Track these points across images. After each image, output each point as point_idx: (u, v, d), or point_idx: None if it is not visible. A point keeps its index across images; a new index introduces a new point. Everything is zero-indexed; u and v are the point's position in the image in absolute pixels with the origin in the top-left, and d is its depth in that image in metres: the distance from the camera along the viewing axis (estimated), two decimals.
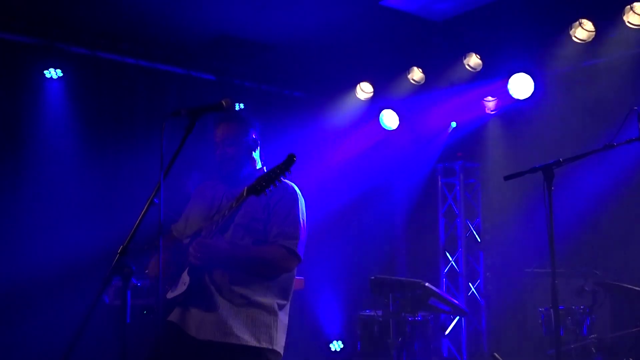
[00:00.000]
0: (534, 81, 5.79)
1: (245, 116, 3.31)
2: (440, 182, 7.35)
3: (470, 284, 7.12)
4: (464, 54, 6.14)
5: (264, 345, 2.90)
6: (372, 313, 4.76)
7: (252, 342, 2.87)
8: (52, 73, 5.61)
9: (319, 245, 7.04)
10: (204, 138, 6.53)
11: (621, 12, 5.04)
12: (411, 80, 6.67)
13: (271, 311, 2.97)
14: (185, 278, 2.89)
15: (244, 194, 2.78)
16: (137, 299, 4.20)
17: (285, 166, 2.73)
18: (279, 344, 2.98)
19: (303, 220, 3.07)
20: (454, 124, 7.13)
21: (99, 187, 5.72)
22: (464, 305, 6.40)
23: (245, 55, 6.66)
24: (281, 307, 3.03)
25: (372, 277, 4.75)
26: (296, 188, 3.15)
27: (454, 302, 4.68)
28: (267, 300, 2.97)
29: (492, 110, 6.76)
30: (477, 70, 6.16)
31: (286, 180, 2.98)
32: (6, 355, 5.03)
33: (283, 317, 3.04)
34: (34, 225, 5.38)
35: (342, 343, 7.05)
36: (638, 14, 5.00)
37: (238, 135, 3.18)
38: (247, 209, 2.95)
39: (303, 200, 3.15)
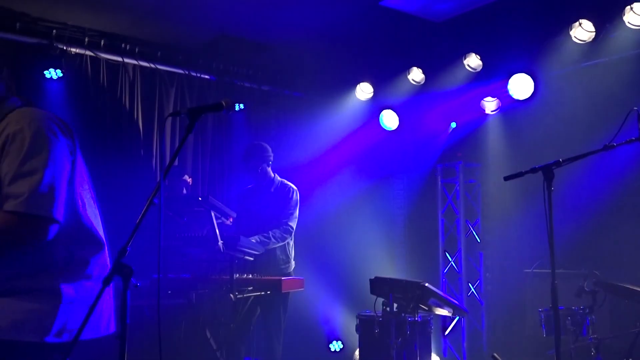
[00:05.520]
0: (534, 81, 5.78)
1: None
2: (440, 183, 7.35)
3: (470, 284, 7.11)
4: (464, 54, 6.14)
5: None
6: (372, 313, 4.74)
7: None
8: (52, 73, 5.60)
9: (318, 246, 7.06)
10: (201, 139, 6.59)
11: (621, 12, 5.04)
12: (411, 81, 6.67)
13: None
14: None
15: None
16: (137, 299, 4.21)
17: None
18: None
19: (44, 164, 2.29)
20: (454, 124, 7.12)
21: (98, 187, 5.68)
22: (464, 306, 6.40)
23: (245, 55, 6.66)
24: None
25: (372, 277, 4.74)
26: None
27: (454, 303, 4.67)
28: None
29: (492, 111, 6.76)
30: (477, 70, 6.16)
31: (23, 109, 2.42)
32: None
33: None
34: None
35: (342, 343, 7.04)
36: (638, 14, 5.00)
37: None
38: None
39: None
